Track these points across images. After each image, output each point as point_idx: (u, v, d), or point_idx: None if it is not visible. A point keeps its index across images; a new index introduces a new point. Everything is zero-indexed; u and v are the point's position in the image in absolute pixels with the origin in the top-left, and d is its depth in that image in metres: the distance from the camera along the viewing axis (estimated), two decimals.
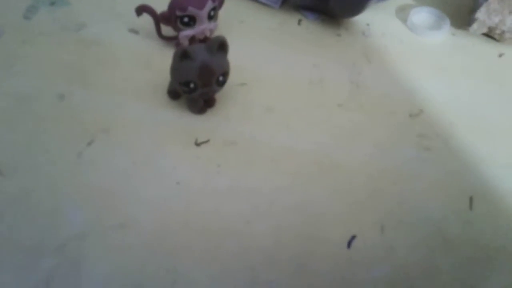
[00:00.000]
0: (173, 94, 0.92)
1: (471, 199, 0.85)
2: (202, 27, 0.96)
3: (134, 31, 1.05)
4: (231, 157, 0.86)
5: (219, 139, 0.89)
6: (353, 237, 0.79)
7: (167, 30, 1.01)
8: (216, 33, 0.97)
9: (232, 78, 0.97)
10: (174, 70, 0.82)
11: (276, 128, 0.92)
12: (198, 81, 0.80)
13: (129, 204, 0.79)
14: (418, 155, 0.90)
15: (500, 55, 1.13)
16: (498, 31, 1.11)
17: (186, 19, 0.94)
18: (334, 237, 0.79)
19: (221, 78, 0.83)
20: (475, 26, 1.11)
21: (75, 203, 0.78)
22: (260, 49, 1.05)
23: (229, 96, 0.95)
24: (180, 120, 0.91)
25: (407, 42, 1.13)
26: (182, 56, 0.78)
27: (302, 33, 1.11)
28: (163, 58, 0.98)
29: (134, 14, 0.95)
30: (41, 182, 0.79)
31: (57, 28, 1.04)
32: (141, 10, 0.95)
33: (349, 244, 0.78)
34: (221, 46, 0.81)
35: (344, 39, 1.11)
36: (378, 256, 0.77)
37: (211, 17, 0.98)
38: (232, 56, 0.85)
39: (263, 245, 0.77)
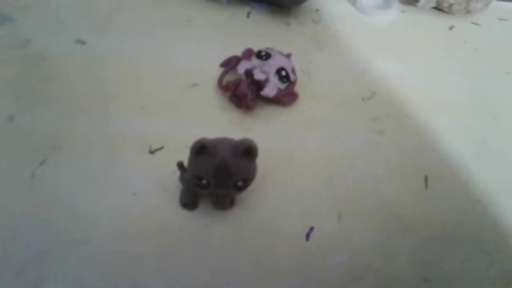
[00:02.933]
0: (189, 205, 0.82)
1: (426, 178, 0.87)
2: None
3: (81, 42, 1.04)
4: (187, 162, 0.86)
5: (174, 144, 0.88)
6: (311, 229, 0.80)
7: None
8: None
9: (184, 81, 0.97)
10: (190, 161, 0.72)
11: (230, 124, 0.92)
12: (211, 180, 0.70)
13: (86, 220, 0.79)
14: (371, 139, 0.91)
15: (451, 28, 1.13)
16: (446, 4, 1.11)
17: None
18: (292, 230, 0.80)
19: (240, 183, 0.71)
20: (423, 1, 1.11)
21: (31, 225, 0.77)
22: (210, 46, 1.04)
23: (180, 98, 0.95)
24: (132, 129, 0.90)
25: (357, 25, 1.13)
26: (198, 151, 0.68)
27: (251, 26, 1.11)
28: (111, 67, 0.98)
29: (79, 24, 0.93)
30: None
31: (2, 46, 1.02)
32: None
33: (307, 236, 0.79)
34: (247, 151, 0.68)
35: (293, 28, 1.11)
36: (336, 244, 0.78)
37: (282, 77, 0.92)
38: (181, 57, 0.84)
39: (222, 247, 0.77)
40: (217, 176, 0.69)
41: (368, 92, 0.98)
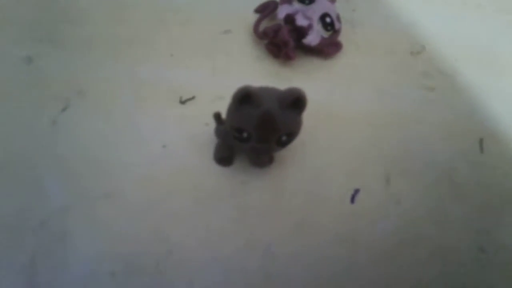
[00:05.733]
0: (225, 160, 0.75)
1: (481, 140, 0.79)
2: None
3: None
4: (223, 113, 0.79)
5: (206, 94, 0.81)
6: (357, 191, 0.73)
7: None
8: None
9: (216, 27, 0.89)
10: (230, 111, 0.64)
11: (266, 76, 0.84)
12: (254, 132, 0.62)
13: (113, 172, 0.73)
14: (421, 96, 0.84)
15: None
16: None
17: None
18: (336, 192, 0.73)
19: (284, 138, 0.63)
20: None
21: (54, 175, 0.72)
22: None
23: (212, 45, 0.87)
24: (161, 77, 0.83)
25: None
26: (242, 99, 0.60)
27: None
28: (137, 10, 0.90)
29: None
30: (15, 156, 0.73)
31: None
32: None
33: (352, 199, 0.73)
34: (296, 102, 0.60)
35: None
36: (384, 209, 0.72)
37: (326, 25, 0.84)
38: (213, 1, 0.76)
39: (261, 205, 0.71)
40: (260, 129, 0.61)
41: (417, 46, 0.90)
